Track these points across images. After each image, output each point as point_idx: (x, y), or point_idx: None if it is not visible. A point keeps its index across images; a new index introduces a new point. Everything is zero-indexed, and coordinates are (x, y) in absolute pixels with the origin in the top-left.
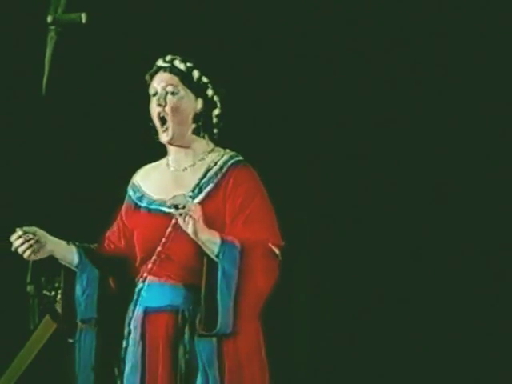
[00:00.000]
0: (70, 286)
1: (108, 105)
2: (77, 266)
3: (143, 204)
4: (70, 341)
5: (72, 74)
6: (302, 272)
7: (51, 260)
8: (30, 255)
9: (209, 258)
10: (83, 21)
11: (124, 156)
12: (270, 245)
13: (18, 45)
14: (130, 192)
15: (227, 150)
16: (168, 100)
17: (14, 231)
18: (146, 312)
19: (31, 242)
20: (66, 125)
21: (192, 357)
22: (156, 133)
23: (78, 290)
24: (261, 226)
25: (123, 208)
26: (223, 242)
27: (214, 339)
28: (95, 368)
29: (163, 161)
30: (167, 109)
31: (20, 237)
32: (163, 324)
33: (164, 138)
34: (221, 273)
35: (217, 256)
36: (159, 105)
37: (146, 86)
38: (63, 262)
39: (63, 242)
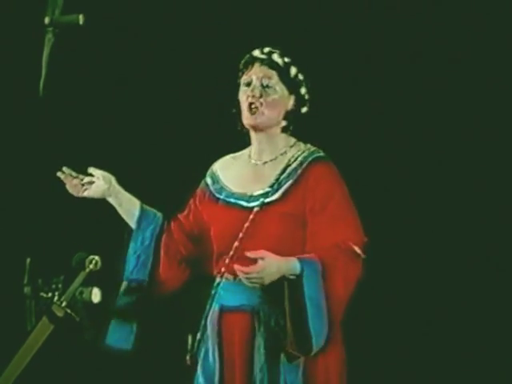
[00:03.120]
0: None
1: (105, 106)
2: (137, 221)
3: (221, 196)
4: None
5: (70, 76)
6: None
7: (48, 261)
8: (77, 192)
9: (289, 282)
10: (81, 22)
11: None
12: (352, 246)
13: (15, 46)
14: (208, 180)
15: (308, 145)
16: (263, 93)
17: None
18: (222, 310)
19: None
20: (63, 126)
21: (267, 358)
22: (239, 119)
23: (131, 248)
24: (342, 224)
25: (198, 193)
26: (302, 263)
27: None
28: (137, 334)
29: (245, 152)
30: (261, 101)
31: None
32: (238, 324)
33: (251, 120)
34: (308, 298)
35: (298, 277)
36: (253, 96)
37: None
38: (123, 214)
39: (129, 195)
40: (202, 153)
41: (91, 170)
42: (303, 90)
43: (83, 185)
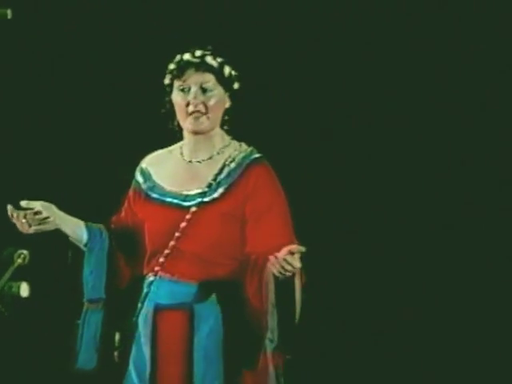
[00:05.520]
0: (78, 265)
1: (33, 100)
2: (86, 244)
3: (155, 195)
4: (78, 322)
5: None
6: None
7: None
8: (26, 230)
9: (278, 281)
10: (9, 17)
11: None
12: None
13: None
14: (139, 178)
15: (243, 145)
16: (204, 98)
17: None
18: (157, 308)
19: (24, 219)
20: None
21: (208, 352)
22: (172, 119)
23: (86, 269)
24: (284, 229)
25: (131, 194)
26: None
27: None
28: (99, 350)
29: (175, 148)
30: (204, 107)
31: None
32: (177, 322)
33: (196, 127)
34: (297, 289)
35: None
36: (196, 104)
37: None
38: (72, 239)
39: (74, 219)
40: (129, 152)
41: (24, 203)
42: (236, 85)
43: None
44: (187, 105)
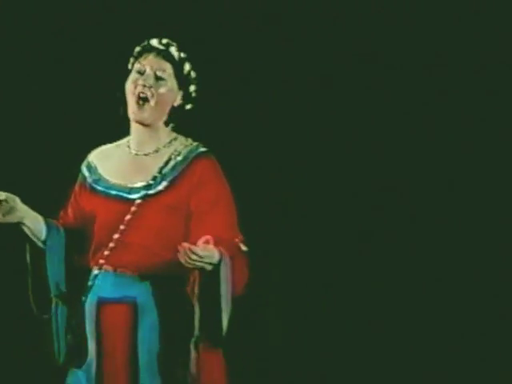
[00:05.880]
0: (39, 261)
1: None
2: (44, 241)
3: (100, 188)
4: (46, 317)
5: None
6: None
7: None
8: None
9: (205, 271)
10: None
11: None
12: (239, 243)
13: None
14: (85, 172)
15: (189, 140)
16: (155, 84)
17: None
18: (100, 302)
19: None
20: None
21: (152, 346)
22: (123, 106)
23: (49, 265)
24: (228, 223)
25: (77, 188)
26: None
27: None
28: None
29: (123, 142)
30: (151, 92)
31: None
32: (121, 315)
33: (137, 115)
34: (222, 289)
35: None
36: (144, 85)
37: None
38: (30, 234)
39: (34, 213)
40: (79, 146)
41: None
42: (192, 88)
43: None
44: (136, 87)
